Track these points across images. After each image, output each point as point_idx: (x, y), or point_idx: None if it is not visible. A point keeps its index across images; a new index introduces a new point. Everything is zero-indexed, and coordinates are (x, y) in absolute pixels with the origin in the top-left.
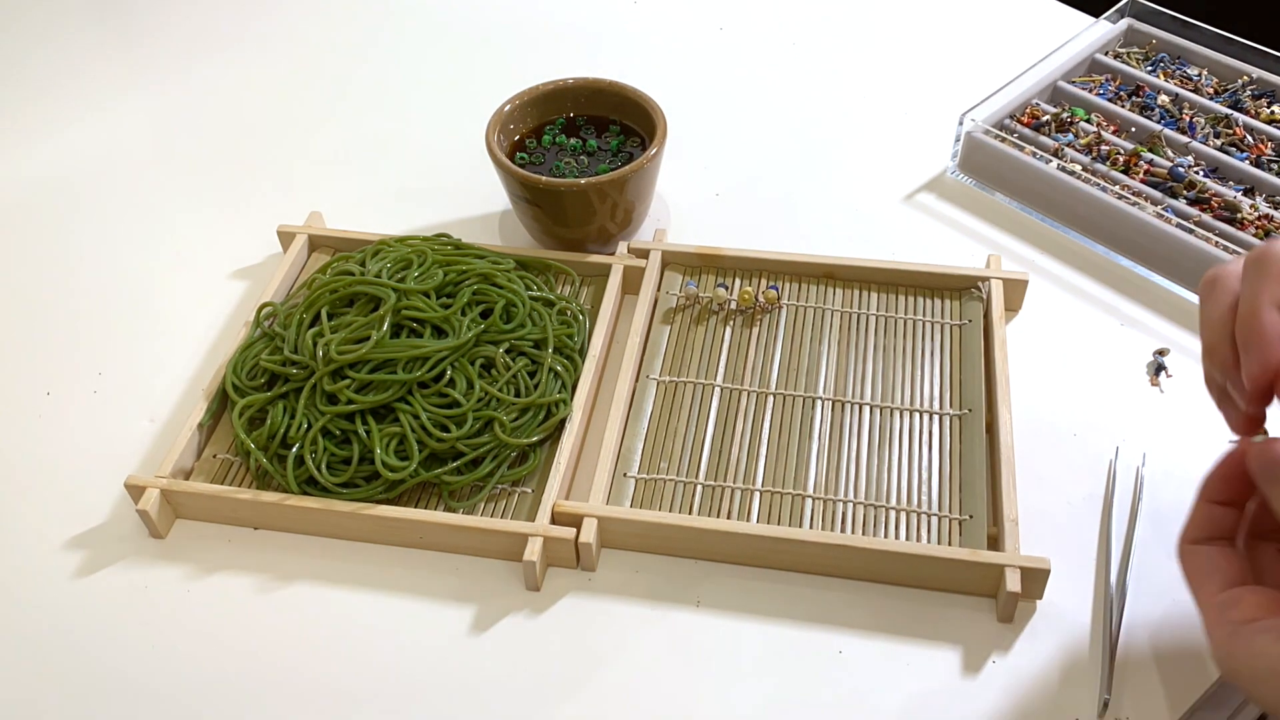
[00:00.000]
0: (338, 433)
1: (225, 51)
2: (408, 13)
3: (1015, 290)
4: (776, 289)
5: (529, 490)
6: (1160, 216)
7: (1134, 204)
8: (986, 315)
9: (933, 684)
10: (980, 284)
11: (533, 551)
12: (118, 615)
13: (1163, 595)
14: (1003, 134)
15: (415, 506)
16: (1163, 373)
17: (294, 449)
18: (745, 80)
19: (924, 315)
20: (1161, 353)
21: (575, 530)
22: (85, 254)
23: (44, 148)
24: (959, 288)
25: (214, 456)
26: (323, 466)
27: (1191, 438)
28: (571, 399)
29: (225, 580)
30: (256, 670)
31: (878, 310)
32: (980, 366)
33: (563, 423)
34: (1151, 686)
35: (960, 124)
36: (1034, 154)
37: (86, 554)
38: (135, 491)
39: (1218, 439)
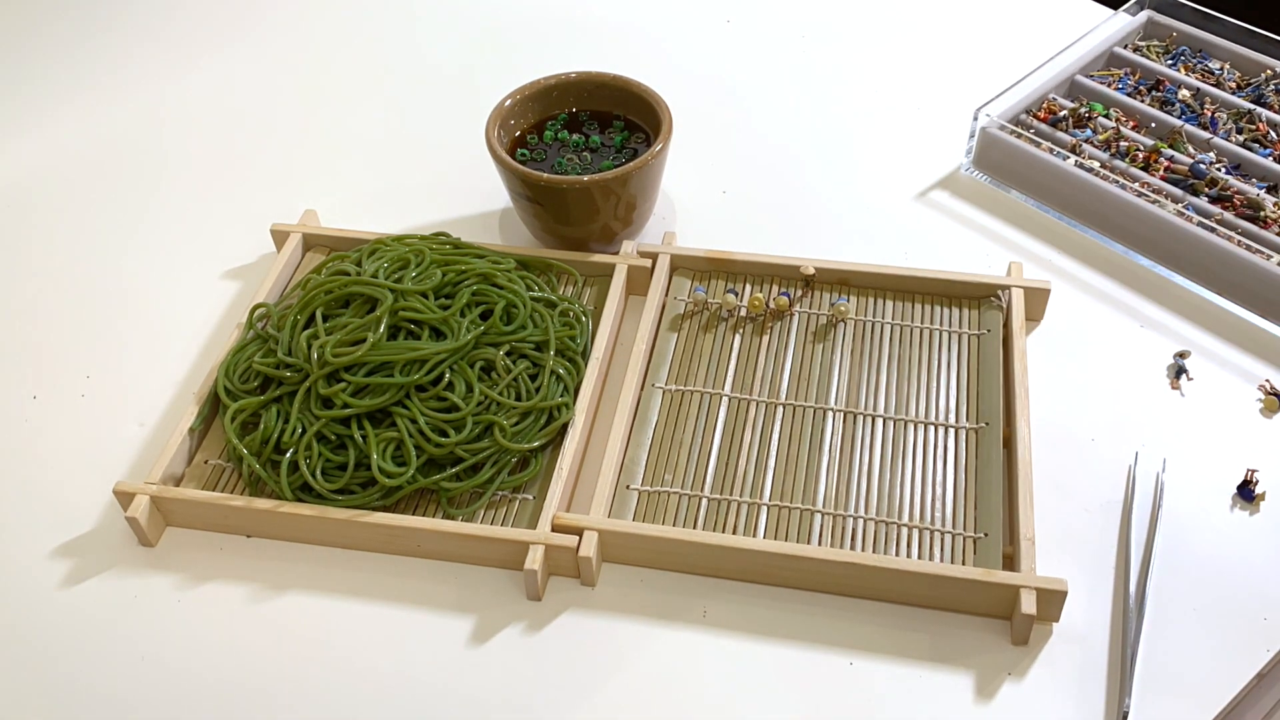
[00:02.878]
0: (333, 437)
1: (218, 46)
2: (405, 6)
3: (1036, 299)
4: (788, 295)
5: (530, 497)
6: (1181, 215)
7: (1154, 202)
8: (1006, 325)
9: (944, 710)
10: (1000, 292)
11: (534, 560)
12: (106, 625)
13: (1184, 603)
14: (1019, 130)
15: (413, 514)
16: (1183, 376)
17: (288, 454)
18: (753, 74)
19: (941, 324)
20: (1182, 355)
21: (578, 538)
22: (73, 254)
23: (30, 144)
24: (978, 296)
25: (205, 462)
26: (317, 472)
27: (1212, 442)
28: (574, 403)
29: (217, 589)
30: (249, 681)
31: (893, 318)
32: (999, 378)
33: (565, 427)
34: (1172, 697)
35: (975, 119)
36: (1051, 150)
37: (74, 562)
38: (124, 498)
39: (1238, 443)
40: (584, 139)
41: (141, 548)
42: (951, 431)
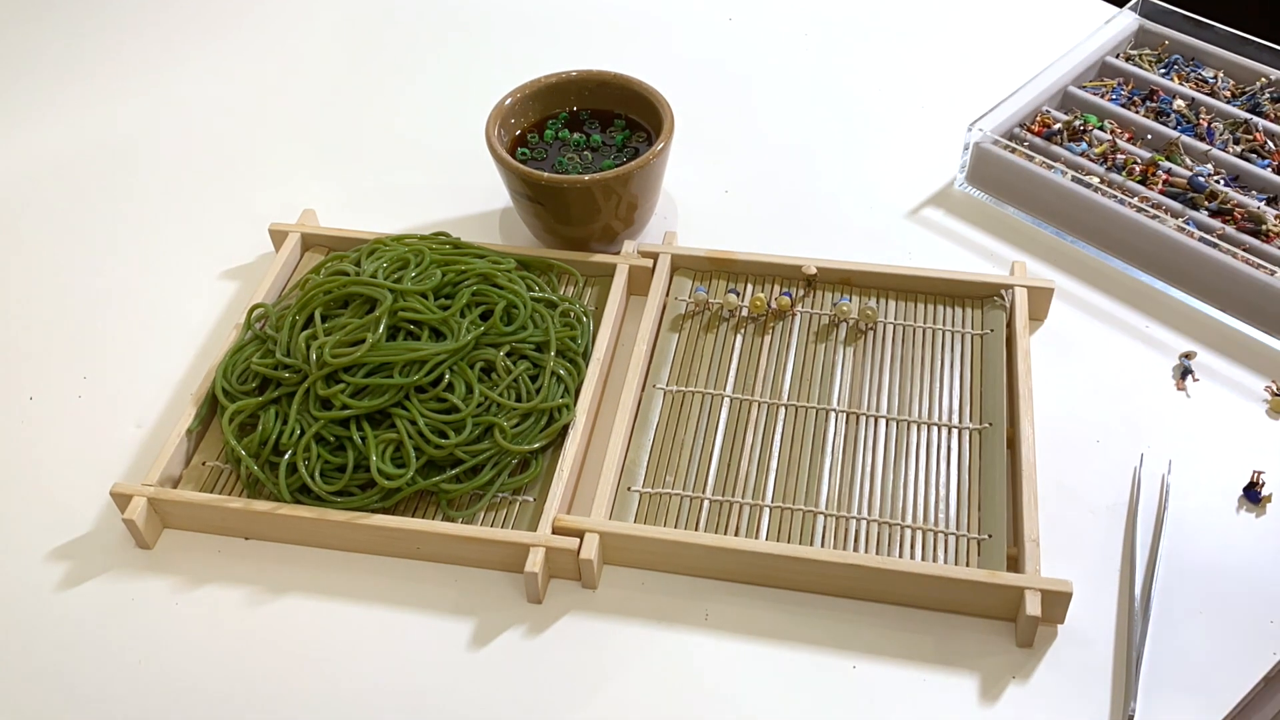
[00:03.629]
0: (332, 439)
1: (216, 43)
2: (404, 3)
3: (1040, 299)
4: (790, 295)
5: (530, 499)
6: (1182, 230)
7: (1154, 217)
8: (1010, 325)
9: (948, 712)
10: (1003, 291)
11: (534, 563)
12: (103, 628)
13: (1190, 606)
14: (1012, 144)
15: (412, 516)
16: (1189, 377)
17: (286, 456)
18: (755, 73)
19: (944, 324)
20: (1188, 356)
21: (579, 541)
22: (69, 253)
23: (25, 143)
24: (981, 295)
25: (203, 464)
26: (316, 474)
27: (1218, 444)
28: (575, 404)
29: (215, 592)
30: (246, 685)
31: (895, 318)
32: (1002, 378)
33: (566, 429)
34: (1178, 701)
35: (969, 131)
36: (1045, 165)
37: (71, 565)
38: (121, 500)
39: (1244, 445)
40: (585, 138)
41: (138, 550)
42: (955, 432)
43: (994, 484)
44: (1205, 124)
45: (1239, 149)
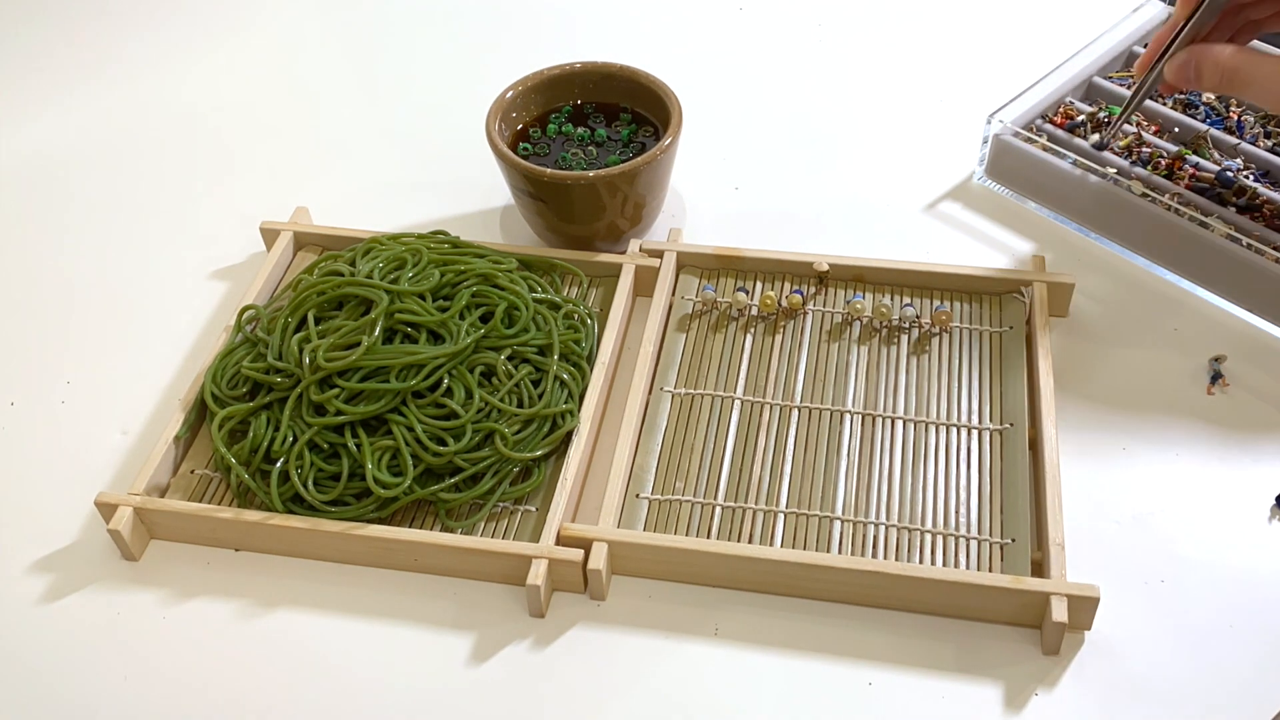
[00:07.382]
0: (325, 446)
1: (205, 36)
2: None
3: (1060, 294)
4: (801, 293)
5: (533, 509)
6: (1209, 227)
7: (1180, 213)
8: (1029, 321)
9: None
10: (1023, 288)
11: (537, 575)
12: (87, 643)
13: (1220, 619)
14: (1033, 136)
15: (409, 526)
16: (1219, 380)
17: (278, 464)
18: (766, 65)
19: (961, 321)
20: (1219, 359)
21: (583, 553)
22: (53, 253)
23: (9, 139)
24: (999, 291)
25: (191, 472)
26: (309, 483)
27: (1249, 452)
28: (579, 410)
29: (204, 606)
30: (237, 702)
31: (910, 316)
32: (1022, 377)
33: (569, 436)
34: (1208, 716)
35: (988, 123)
36: (1068, 158)
37: (53, 578)
38: (106, 510)
39: (1276, 452)
40: (589, 132)
41: (124, 562)
42: (974, 433)
43: (1016, 486)
44: (1235, 116)
45: (1270, 143)
